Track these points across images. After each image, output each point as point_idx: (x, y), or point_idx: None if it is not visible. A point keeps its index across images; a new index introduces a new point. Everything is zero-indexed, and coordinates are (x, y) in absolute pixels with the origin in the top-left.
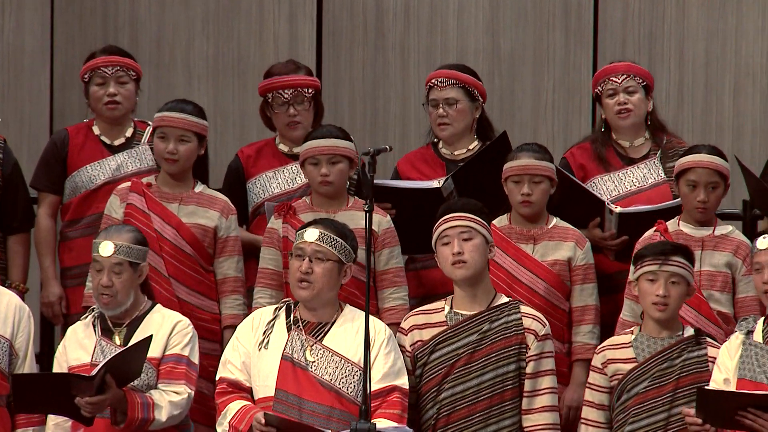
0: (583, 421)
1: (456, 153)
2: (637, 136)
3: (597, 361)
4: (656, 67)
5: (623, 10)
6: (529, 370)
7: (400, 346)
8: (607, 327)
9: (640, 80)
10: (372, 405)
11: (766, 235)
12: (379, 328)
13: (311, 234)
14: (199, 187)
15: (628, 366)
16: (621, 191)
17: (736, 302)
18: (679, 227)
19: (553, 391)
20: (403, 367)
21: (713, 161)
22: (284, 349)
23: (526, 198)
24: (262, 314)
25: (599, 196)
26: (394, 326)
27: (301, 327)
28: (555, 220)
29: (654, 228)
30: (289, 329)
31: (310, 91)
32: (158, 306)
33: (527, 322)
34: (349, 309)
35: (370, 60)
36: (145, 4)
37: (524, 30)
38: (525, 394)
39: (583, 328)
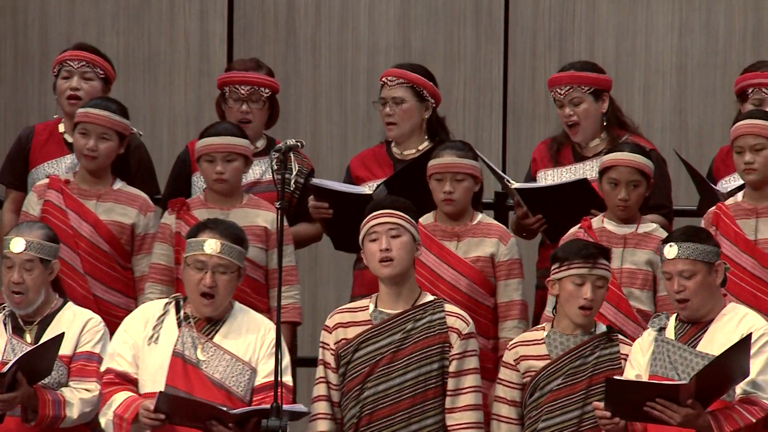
0: (494, 417)
1: (405, 153)
2: (593, 138)
3: (509, 357)
4: (566, 63)
5: (534, 7)
6: (452, 368)
7: (324, 343)
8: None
9: (586, 88)
10: (256, 399)
11: (672, 244)
12: (267, 326)
13: (212, 246)
14: (118, 184)
15: (541, 363)
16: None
17: (657, 300)
18: (603, 224)
19: (477, 390)
20: (289, 364)
21: (635, 159)
22: (175, 346)
23: (448, 196)
24: (151, 308)
25: (500, 172)
26: (287, 324)
27: (192, 324)
28: (480, 217)
29: (579, 225)
30: (179, 325)
31: (267, 91)
32: (69, 303)
33: (451, 321)
34: (238, 307)
35: (281, 56)
36: (55, 1)
37: (435, 26)
38: (448, 393)
39: (508, 323)
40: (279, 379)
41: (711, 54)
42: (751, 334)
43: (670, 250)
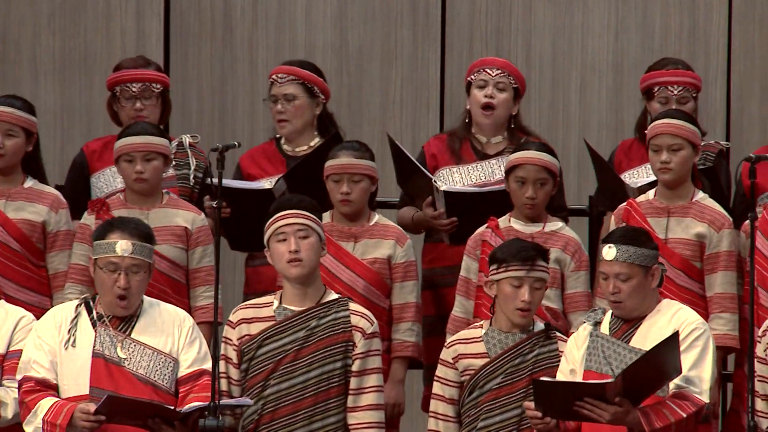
0: (432, 414)
1: (297, 150)
2: (496, 135)
3: (448, 355)
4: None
5: (470, 6)
6: (355, 367)
7: (227, 338)
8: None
9: (513, 81)
10: (182, 390)
11: (611, 245)
12: (182, 315)
13: (124, 247)
14: (29, 183)
15: (480, 361)
16: (466, 184)
17: (565, 298)
18: (510, 223)
19: (379, 390)
20: (208, 352)
21: (542, 158)
22: (94, 347)
23: (345, 197)
24: (62, 312)
25: (427, 173)
26: (206, 325)
27: (107, 323)
28: (377, 218)
29: (485, 225)
30: (94, 326)
31: (158, 86)
32: (1, 302)
33: (355, 320)
34: (148, 301)
35: (218, 56)
36: None
37: (372, 26)
38: (351, 392)
39: (403, 325)
40: (216, 379)
41: (647, 53)
42: (678, 331)
43: (609, 252)
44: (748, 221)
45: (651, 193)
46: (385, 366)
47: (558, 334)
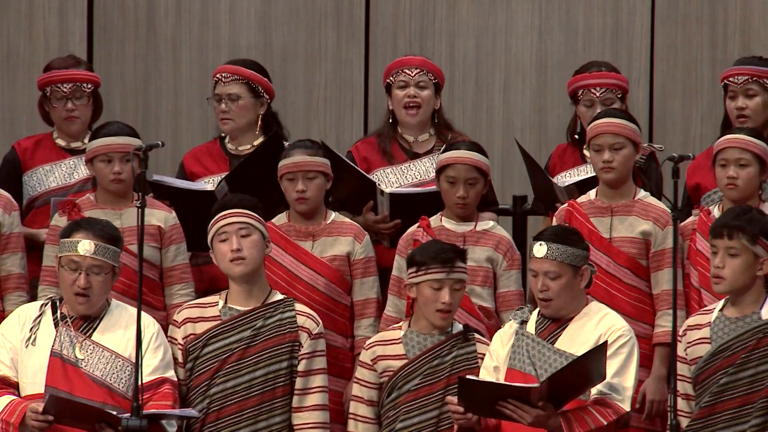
0: (351, 416)
1: (240, 149)
2: (422, 132)
3: (366, 357)
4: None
5: (394, 7)
6: (301, 368)
7: (172, 338)
8: None
9: (432, 77)
10: (144, 397)
11: (542, 243)
12: (147, 322)
13: (86, 247)
14: None
15: (398, 363)
16: (403, 183)
17: (498, 297)
18: (441, 223)
19: (324, 390)
20: (171, 360)
21: (472, 157)
22: (53, 346)
23: (301, 195)
24: (27, 310)
25: (368, 177)
26: None
27: (69, 323)
28: (333, 215)
29: (417, 225)
30: (56, 325)
31: (89, 86)
32: None
33: (301, 320)
34: (115, 303)
35: (141, 55)
36: None
37: (296, 26)
38: (296, 392)
39: (364, 321)
40: (140, 379)
41: (570, 53)
42: (606, 341)
43: (540, 249)
44: (686, 220)
45: (592, 193)
46: (349, 363)
47: (477, 335)
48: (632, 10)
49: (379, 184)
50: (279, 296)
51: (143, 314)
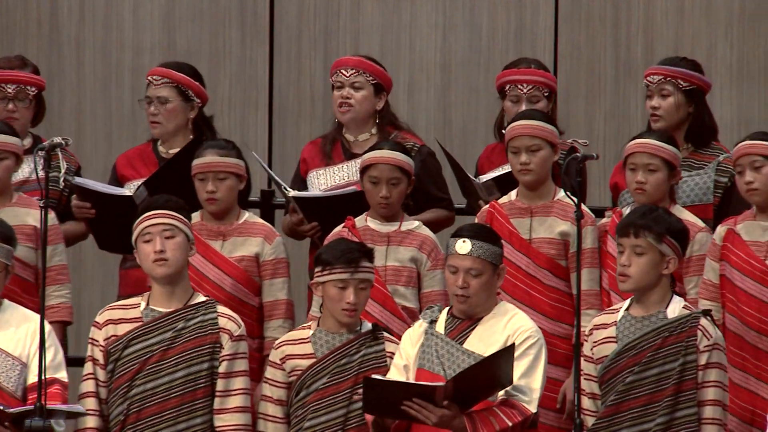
0: (261, 416)
1: (171, 152)
2: (362, 132)
3: (275, 356)
4: (332, 62)
5: (299, 6)
6: (222, 369)
7: (93, 339)
8: None
9: (371, 78)
10: (32, 397)
11: (465, 240)
12: (38, 321)
13: None
14: None
15: (307, 362)
16: (330, 185)
17: (422, 297)
18: (366, 223)
19: (246, 392)
20: (63, 361)
21: (394, 157)
22: None
23: (211, 195)
24: None
25: (278, 180)
26: (58, 324)
27: None
28: (246, 216)
29: (342, 225)
30: None
31: (33, 89)
32: None
33: (222, 322)
34: (7, 303)
35: (44, 54)
36: None
37: (200, 25)
38: (217, 394)
39: (273, 323)
40: (43, 378)
41: (474, 52)
42: (514, 343)
43: (463, 246)
44: (602, 221)
45: (513, 194)
46: (256, 364)
47: (386, 335)
48: (536, 8)
49: (284, 188)
50: (201, 298)
51: (35, 314)
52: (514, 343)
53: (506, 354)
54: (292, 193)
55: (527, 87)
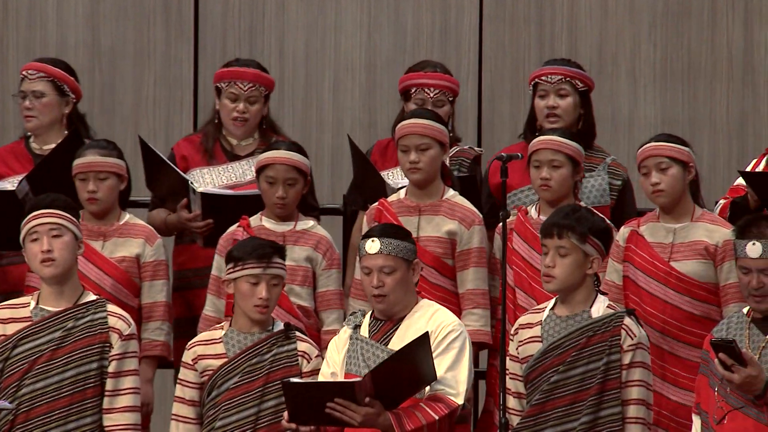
0: (174, 417)
1: (45, 148)
2: (247, 138)
3: (187, 357)
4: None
5: (223, 5)
6: (111, 369)
7: None
8: (186, 321)
9: (264, 90)
10: None
11: (375, 239)
12: None
13: None
14: None
15: (219, 362)
16: (217, 185)
17: (317, 296)
18: (261, 222)
19: (136, 392)
20: None
21: (291, 157)
22: None
23: (92, 195)
24: None
25: (182, 174)
26: None
27: None
28: (127, 217)
29: (237, 224)
30: None
31: None
32: None
33: (112, 321)
34: None
35: None
36: None
37: (125, 24)
38: (107, 393)
39: (152, 324)
40: None
41: (399, 52)
42: (428, 331)
43: (372, 245)
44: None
45: (402, 192)
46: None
47: (298, 334)
48: (461, 8)
49: (191, 183)
50: (91, 297)
51: None
52: (427, 332)
53: (421, 344)
54: (200, 189)
55: (434, 91)
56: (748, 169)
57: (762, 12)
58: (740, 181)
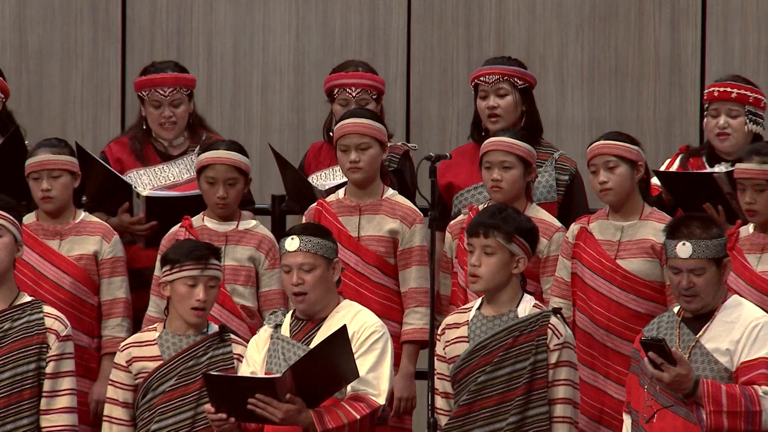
0: (106, 418)
1: None
2: (177, 138)
3: (121, 359)
4: (185, 62)
5: (151, 6)
6: (49, 370)
7: None
8: (139, 321)
9: (186, 90)
10: None
11: (294, 237)
12: None
13: None
14: None
15: (154, 364)
16: (156, 186)
17: (260, 296)
18: (203, 222)
19: (73, 393)
20: None
21: (231, 157)
22: None
23: (46, 194)
24: None
25: (128, 180)
26: None
27: None
28: (83, 215)
29: (179, 224)
30: None
31: None
32: None
33: (49, 322)
34: None
35: None
36: None
37: (52, 25)
38: (44, 395)
39: (111, 321)
40: None
41: (328, 53)
42: (345, 326)
43: (292, 243)
44: (453, 221)
45: (341, 192)
46: (95, 363)
47: (233, 336)
48: (389, 9)
49: (135, 188)
50: (27, 298)
51: None
52: (345, 325)
53: (338, 339)
54: (145, 192)
55: (356, 90)
56: (662, 168)
57: (689, 13)
58: (655, 180)
